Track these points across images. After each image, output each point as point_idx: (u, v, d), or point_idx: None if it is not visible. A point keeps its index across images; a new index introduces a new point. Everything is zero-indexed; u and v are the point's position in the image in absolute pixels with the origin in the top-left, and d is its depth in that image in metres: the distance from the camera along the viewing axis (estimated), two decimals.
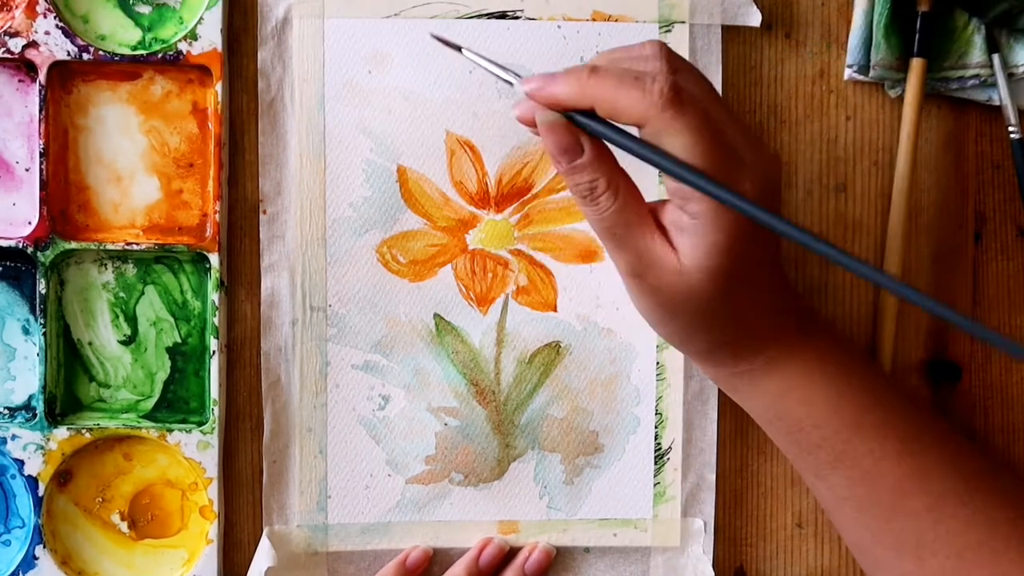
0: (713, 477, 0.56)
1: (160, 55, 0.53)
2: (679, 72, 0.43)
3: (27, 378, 0.54)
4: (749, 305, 0.46)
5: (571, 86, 0.43)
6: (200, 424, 0.54)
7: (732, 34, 0.55)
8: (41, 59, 0.53)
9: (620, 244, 0.45)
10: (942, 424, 0.50)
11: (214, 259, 0.54)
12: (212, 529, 0.54)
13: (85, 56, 0.53)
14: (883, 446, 0.47)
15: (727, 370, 0.48)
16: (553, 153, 0.44)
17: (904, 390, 0.51)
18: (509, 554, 0.56)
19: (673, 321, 0.46)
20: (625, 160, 0.44)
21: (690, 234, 0.43)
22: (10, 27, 0.53)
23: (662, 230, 0.44)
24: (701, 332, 0.46)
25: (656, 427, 0.56)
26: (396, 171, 0.55)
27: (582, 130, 0.44)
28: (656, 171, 0.47)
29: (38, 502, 0.54)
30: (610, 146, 0.45)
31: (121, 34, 0.54)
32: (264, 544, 0.54)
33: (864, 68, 0.55)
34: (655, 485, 0.56)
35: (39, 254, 0.53)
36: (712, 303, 0.44)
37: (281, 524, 0.55)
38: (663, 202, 0.45)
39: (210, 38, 0.53)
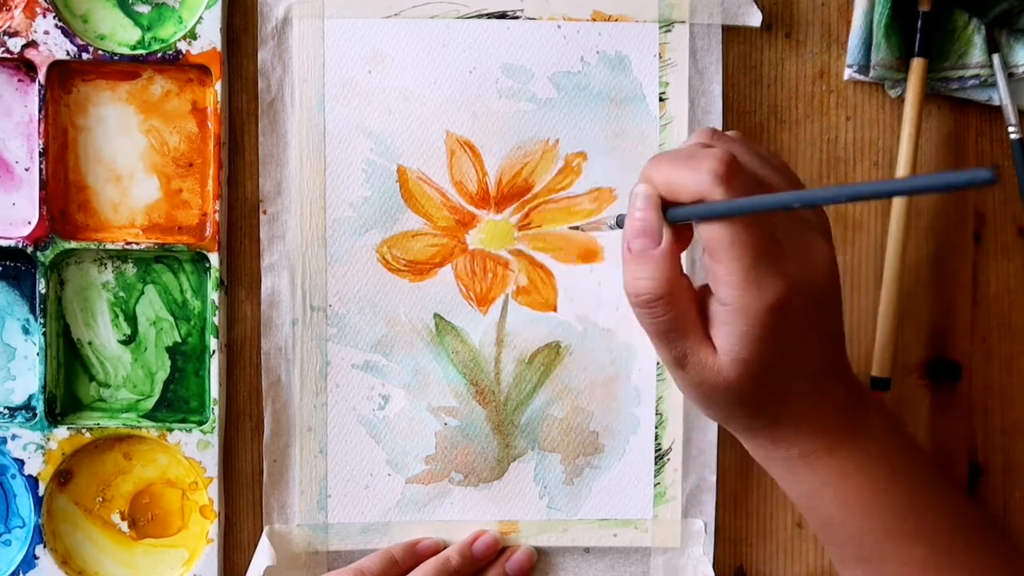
0: (713, 478, 0.56)
1: (159, 55, 0.53)
2: (732, 151, 0.44)
3: (27, 378, 0.54)
4: (784, 390, 0.46)
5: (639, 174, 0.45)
6: (200, 424, 0.54)
7: (732, 34, 0.55)
8: (40, 59, 0.53)
9: (667, 344, 0.45)
10: (980, 522, 0.49)
11: (214, 259, 0.54)
12: (212, 528, 0.54)
13: (84, 56, 0.53)
14: (911, 552, 0.46)
15: (766, 452, 0.48)
16: (633, 232, 0.44)
17: (947, 487, 0.49)
18: (502, 552, 0.56)
19: (711, 408, 0.47)
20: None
21: (722, 323, 0.44)
22: (9, 27, 0.53)
23: (704, 321, 0.45)
24: (739, 417, 0.47)
25: (656, 427, 0.56)
26: (396, 171, 0.55)
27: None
28: None
29: (38, 502, 0.54)
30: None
31: (120, 34, 0.54)
32: (264, 543, 0.54)
33: (864, 68, 0.55)
34: (655, 485, 0.56)
35: (39, 254, 0.53)
36: (745, 391, 0.45)
37: (281, 523, 0.55)
38: (705, 288, 0.45)
39: (209, 37, 0.53)
